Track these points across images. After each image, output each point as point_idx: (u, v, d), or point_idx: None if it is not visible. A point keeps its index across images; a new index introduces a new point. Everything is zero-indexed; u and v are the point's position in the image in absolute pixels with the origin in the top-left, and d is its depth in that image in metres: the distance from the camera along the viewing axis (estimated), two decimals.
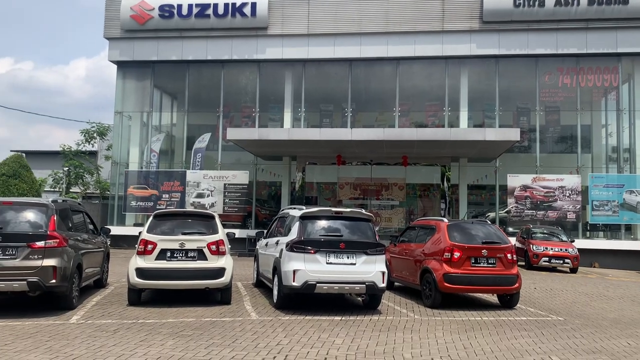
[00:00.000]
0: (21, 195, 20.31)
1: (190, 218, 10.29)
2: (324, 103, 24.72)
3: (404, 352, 6.72)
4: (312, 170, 24.91)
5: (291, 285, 8.98)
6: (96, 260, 10.76)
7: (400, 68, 23.19)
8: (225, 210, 21.97)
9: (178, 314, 8.79)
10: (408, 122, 23.48)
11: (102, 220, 24.17)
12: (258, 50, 23.43)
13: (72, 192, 30.20)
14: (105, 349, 6.45)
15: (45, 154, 39.24)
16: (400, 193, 23.21)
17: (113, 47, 24.61)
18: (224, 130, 22.90)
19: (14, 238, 8.23)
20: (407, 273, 11.30)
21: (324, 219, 9.53)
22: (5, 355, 6.07)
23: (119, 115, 25.09)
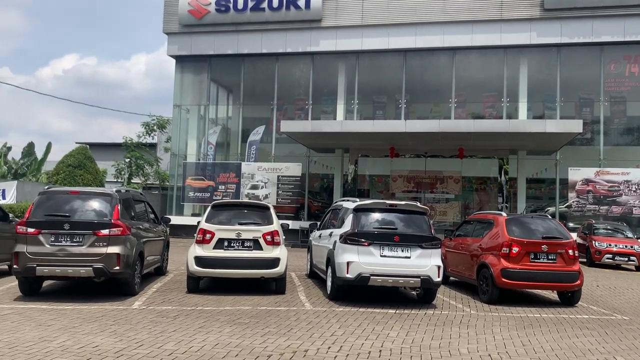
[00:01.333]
0: (86, 185, 21.24)
1: (246, 209, 10.50)
2: (377, 95, 24.56)
3: (460, 347, 6.62)
4: (364, 163, 24.81)
5: (345, 277, 9.00)
6: (157, 249, 11.14)
7: (457, 58, 22.70)
8: (278, 202, 22.24)
9: (235, 302, 8.99)
10: (464, 113, 22.99)
11: (162, 210, 24.97)
12: (312, 42, 23.49)
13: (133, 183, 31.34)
14: (166, 334, 6.68)
15: (107, 145, 40.88)
16: (456, 186, 22.76)
17: (172, 42, 25.30)
18: (277, 123, 23.15)
19: (80, 226, 8.62)
20: (463, 268, 11.11)
21: (378, 212, 9.49)
22: (75, 337, 6.39)
23: (177, 109, 25.82)
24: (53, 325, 6.96)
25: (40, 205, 8.86)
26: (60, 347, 5.93)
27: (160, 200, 26.81)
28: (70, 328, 6.85)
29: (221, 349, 6.07)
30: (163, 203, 26.26)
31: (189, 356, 5.77)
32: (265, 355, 5.91)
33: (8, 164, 35.67)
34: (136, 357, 5.67)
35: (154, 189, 30.53)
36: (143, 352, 5.84)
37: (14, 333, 6.50)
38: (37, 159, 36.16)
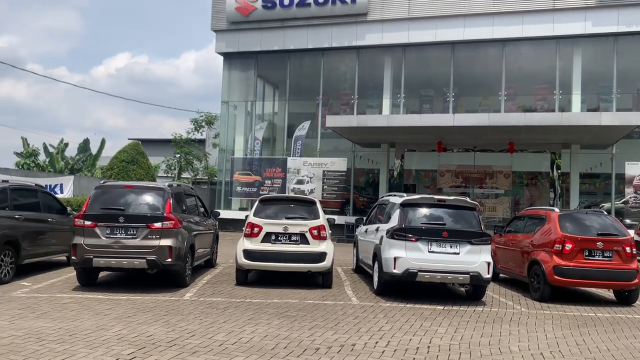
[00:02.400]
0: (138, 179, 21.90)
1: (293, 203, 10.59)
2: (424, 88, 24.22)
3: (510, 345, 6.49)
4: (411, 157, 24.54)
5: (392, 273, 8.96)
6: (207, 242, 11.39)
7: (507, 50, 22.11)
8: (323, 197, 22.27)
9: (282, 295, 9.10)
10: (515, 106, 22.38)
11: (210, 204, 25.49)
12: (357, 36, 23.38)
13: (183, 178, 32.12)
14: (217, 325, 6.83)
15: (158, 141, 42.00)
16: (506, 181, 22.21)
17: (219, 39, 25.71)
18: (323, 118, 23.18)
19: (134, 219, 8.92)
20: (514, 264, 10.86)
21: (425, 207, 9.39)
22: (130, 326, 6.63)
23: (225, 105, 26.25)
24: (109, 315, 7.23)
25: (97, 199, 9.20)
26: (116, 336, 6.16)
27: (209, 194, 27.39)
28: (125, 317, 7.11)
29: (270, 341, 6.17)
30: (212, 197, 26.81)
31: (239, 347, 5.89)
32: (313, 348, 5.97)
33: (65, 160, 37.18)
34: (188, 347, 5.83)
35: (203, 183, 31.21)
36: (195, 343, 6.00)
37: (73, 321, 6.80)
38: (92, 154, 37.55)
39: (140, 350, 5.62)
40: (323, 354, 5.77)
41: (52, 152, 36.99)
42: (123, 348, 5.69)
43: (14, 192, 10.13)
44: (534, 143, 21.68)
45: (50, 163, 36.52)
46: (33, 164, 36.86)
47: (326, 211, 11.13)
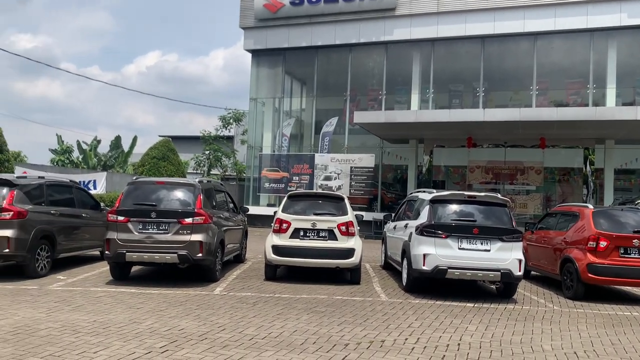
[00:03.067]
0: (169, 176, 22.22)
1: (321, 199, 10.60)
2: (453, 83, 23.94)
3: (542, 344, 6.38)
4: (440, 153, 24.30)
5: (421, 269, 8.90)
6: (236, 237, 11.50)
7: (538, 43, 21.68)
8: (351, 193, 22.26)
9: (311, 291, 9.13)
10: (546, 101, 21.94)
11: (239, 200, 25.68)
12: (385, 31, 23.24)
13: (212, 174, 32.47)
14: (247, 320, 6.90)
15: (188, 138, 42.52)
16: (537, 177, 21.79)
17: (248, 36, 25.87)
18: (350, 114, 23.14)
19: (166, 215, 9.06)
20: (546, 262, 10.67)
21: (455, 203, 9.29)
22: (162, 320, 6.74)
23: (253, 102, 26.43)
24: (142, 308, 7.37)
25: (129, 195, 9.37)
26: (149, 329, 6.28)
27: (238, 190, 27.63)
28: (157, 311, 7.24)
29: (299, 336, 6.20)
30: (240, 193, 27.04)
31: (268, 341, 5.94)
32: (342, 343, 5.98)
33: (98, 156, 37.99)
34: (219, 340, 5.91)
35: (232, 179, 31.49)
36: (225, 337, 6.07)
37: (107, 314, 6.95)
38: (124, 151, 38.28)
39: (173, 344, 5.72)
40: (352, 349, 5.77)
41: (85, 149, 37.86)
42: (156, 341, 5.79)
43: (50, 188, 10.39)
44: (567, 138, 21.23)
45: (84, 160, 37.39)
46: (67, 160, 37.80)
47: (354, 207, 11.12)
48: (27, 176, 10.95)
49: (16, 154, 35.99)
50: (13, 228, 9.01)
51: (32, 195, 9.73)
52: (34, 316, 6.70)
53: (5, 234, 8.93)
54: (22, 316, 6.68)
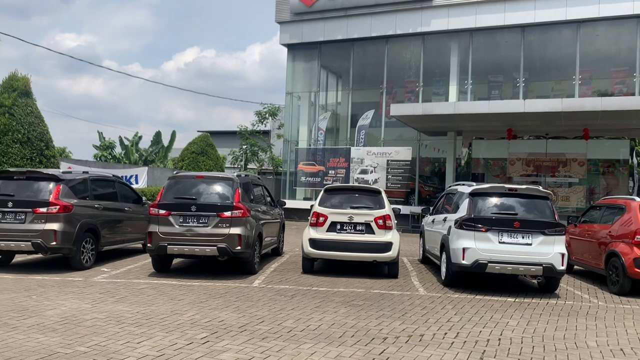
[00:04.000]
0: (208, 170, 22.57)
1: (357, 193, 10.57)
2: (492, 74, 23.41)
3: (587, 340, 6.21)
4: (478, 146, 23.85)
5: (460, 264, 8.79)
6: (274, 230, 11.60)
7: (582, 31, 20.99)
8: (387, 187, 22.11)
9: (348, 284, 9.14)
10: (590, 90, 21.24)
11: (275, 194, 25.91)
12: (422, 22, 22.92)
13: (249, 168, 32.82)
14: (285, 312, 6.96)
15: (225, 133, 43.09)
16: (580, 169, 21.17)
17: (284, 30, 25.94)
18: (387, 107, 22.95)
19: (205, 208, 9.20)
20: (590, 256, 10.37)
21: (496, 196, 9.12)
22: (202, 312, 6.87)
23: (289, 96, 26.51)
24: (183, 300, 7.52)
25: (170, 189, 9.56)
26: (190, 320, 6.40)
27: (274, 184, 27.85)
28: (198, 303, 7.37)
29: (337, 329, 6.21)
30: (277, 187, 27.24)
31: (307, 334, 5.97)
32: (380, 337, 5.96)
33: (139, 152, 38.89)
34: (258, 332, 5.97)
35: (268, 173, 31.75)
36: (264, 328, 6.14)
37: (149, 306, 7.12)
38: (164, 146, 39.06)
39: (213, 335, 5.81)
40: (391, 343, 5.75)
41: (127, 144, 38.80)
42: (197, 332, 5.90)
43: (94, 183, 10.70)
44: (611, 129, 20.54)
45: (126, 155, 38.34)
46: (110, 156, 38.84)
47: (390, 201, 11.05)
48: (72, 171, 11.29)
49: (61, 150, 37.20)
50: (59, 221, 9.32)
51: (77, 189, 10.04)
52: (80, 307, 6.93)
53: (52, 227, 9.24)
54: (68, 307, 6.91)
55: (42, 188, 9.53)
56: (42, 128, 15.80)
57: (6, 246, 9.33)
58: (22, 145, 15.09)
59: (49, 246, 9.26)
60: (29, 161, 15.08)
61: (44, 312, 6.57)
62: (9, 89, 15.51)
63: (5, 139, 14.87)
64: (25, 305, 6.94)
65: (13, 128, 15.00)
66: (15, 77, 15.84)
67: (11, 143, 14.92)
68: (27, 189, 9.53)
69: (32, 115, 15.62)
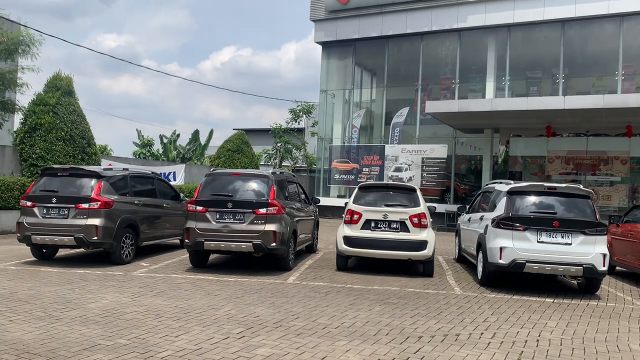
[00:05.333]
0: (243, 168, 22.81)
1: (392, 190, 10.51)
2: (530, 70, 22.93)
3: (630, 343, 6.04)
4: (516, 143, 23.38)
5: (497, 263, 8.65)
6: (308, 227, 11.64)
7: (625, 25, 20.33)
8: (422, 185, 21.93)
9: (382, 282, 9.11)
10: (633, 86, 20.55)
11: (310, 191, 25.97)
12: (459, 18, 22.61)
13: (284, 166, 33.01)
14: (320, 309, 6.99)
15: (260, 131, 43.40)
16: (623, 168, 20.51)
17: (318, 28, 25.99)
18: (422, 104, 22.75)
19: (241, 205, 9.31)
20: (633, 257, 10.06)
21: (534, 195, 8.93)
22: (238, 307, 6.96)
23: (323, 94, 26.56)
24: (219, 295, 7.64)
25: (207, 186, 9.71)
26: (226, 315, 6.50)
27: (309, 182, 27.94)
28: (234, 298, 7.48)
29: (372, 327, 6.21)
30: (311, 185, 27.33)
31: (341, 331, 5.99)
32: (415, 336, 5.93)
33: (177, 149, 39.58)
34: (293, 328, 6.02)
35: (303, 171, 31.85)
36: (299, 325, 6.18)
37: (187, 300, 7.26)
38: (201, 144, 39.64)
39: (249, 330, 5.89)
40: (426, 342, 5.71)
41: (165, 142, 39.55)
42: (233, 327, 5.99)
43: (133, 180, 10.95)
44: None
45: (164, 152, 39.07)
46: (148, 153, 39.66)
47: (425, 199, 10.96)
48: (112, 168, 11.58)
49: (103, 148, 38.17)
50: (100, 217, 9.57)
51: (118, 186, 10.29)
52: (120, 300, 7.11)
53: (94, 223, 9.50)
54: (109, 300, 7.11)
55: (84, 184, 9.81)
56: (84, 126, 16.27)
57: (50, 240, 9.64)
58: (65, 143, 15.57)
59: (90, 241, 9.53)
60: (71, 158, 15.55)
61: (86, 305, 6.77)
62: (53, 89, 16.02)
63: (50, 136, 15.37)
64: (69, 297, 7.17)
65: (57, 126, 15.49)
66: (59, 76, 16.35)
67: (55, 141, 15.41)
68: (70, 185, 9.83)
69: (75, 113, 16.10)
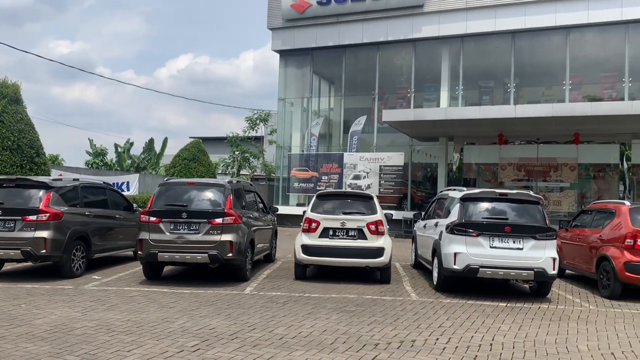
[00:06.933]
0: (200, 177, 22.49)
1: (350, 198, 10.57)
2: (483, 79, 23.56)
3: (578, 344, 6.23)
4: (470, 151, 23.95)
5: (452, 268, 8.80)
6: (266, 237, 11.56)
7: (571, 37, 21.17)
8: (380, 192, 22.14)
9: (341, 290, 9.12)
10: (580, 96, 21.39)
11: (268, 200, 25.84)
12: (414, 29, 23.04)
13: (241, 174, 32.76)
14: (277, 319, 6.93)
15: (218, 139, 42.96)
16: (571, 174, 21.29)
17: (276, 37, 25.98)
18: (379, 113, 23.01)
19: (196, 215, 9.16)
20: (581, 260, 10.42)
21: (487, 201, 9.15)
22: (193, 319, 6.83)
23: (282, 102, 26.53)
24: (174, 308, 7.48)
25: (161, 196, 9.52)
26: (181, 328, 6.36)
27: (267, 190, 27.80)
28: (189, 310, 7.33)
29: (329, 335, 6.19)
30: (270, 193, 27.19)
31: (298, 341, 5.95)
32: (372, 343, 5.94)
33: (131, 159, 38.74)
34: (249, 340, 5.94)
35: (261, 180, 31.69)
36: (256, 336, 6.11)
37: (140, 314, 7.07)
38: (156, 153, 38.93)
39: (204, 343, 5.78)
40: (382, 349, 5.74)
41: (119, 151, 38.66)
42: (187, 340, 5.86)
43: (84, 190, 10.64)
44: (602, 134, 20.69)
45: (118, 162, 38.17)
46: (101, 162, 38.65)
47: (383, 206, 11.07)
48: (62, 178, 11.22)
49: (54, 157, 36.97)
50: (49, 229, 9.24)
51: (68, 197, 9.98)
52: (70, 315, 6.87)
53: (42, 235, 9.17)
54: (58, 315, 6.85)
55: (32, 195, 9.46)
56: (32, 135, 15.69)
57: None
58: (12, 153, 14.99)
59: (38, 254, 9.18)
60: (19, 169, 14.97)
61: (33, 321, 6.50)
62: None
63: None
64: (14, 314, 6.88)
65: (2, 135, 14.89)
66: (5, 84, 15.74)
67: (1, 150, 14.82)
68: (17, 197, 9.46)
69: (22, 122, 15.52)
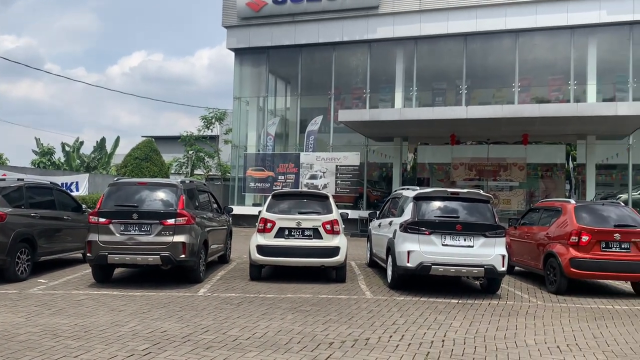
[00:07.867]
0: (152, 177, 22.04)
1: (305, 198, 10.56)
2: (436, 81, 24.04)
3: (526, 338, 6.42)
4: (424, 151, 24.40)
5: (405, 266, 8.92)
6: (220, 237, 11.42)
7: (520, 41, 21.85)
8: (337, 192, 22.24)
9: (296, 290, 9.10)
10: (528, 97, 22.12)
11: (224, 200, 25.55)
12: (369, 30, 23.26)
13: (196, 174, 32.26)
14: (231, 321, 6.85)
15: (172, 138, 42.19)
16: (520, 173, 21.99)
17: (231, 35, 25.72)
18: (335, 113, 23.12)
19: (148, 216, 8.96)
20: (529, 257, 10.76)
21: (439, 200, 9.32)
22: (144, 322, 6.66)
23: (237, 101, 26.28)
24: (124, 311, 7.28)
25: (110, 196, 9.26)
26: (131, 332, 6.20)
27: (223, 190, 27.48)
28: (140, 313, 7.15)
29: (284, 336, 6.16)
30: (225, 193, 26.88)
31: (252, 342, 5.89)
32: (327, 342, 5.95)
33: (81, 158, 37.54)
34: (202, 342, 5.85)
35: (216, 179, 31.31)
36: (208, 338, 6.02)
37: (88, 318, 6.85)
38: (107, 152, 37.87)
39: (155, 346, 5.65)
40: (337, 348, 5.75)
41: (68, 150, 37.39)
42: (138, 344, 5.72)
43: (29, 191, 10.24)
44: (549, 134, 21.44)
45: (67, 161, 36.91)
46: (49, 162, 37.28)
47: (340, 206, 11.12)
48: (6, 178, 10.76)
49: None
50: None
51: (11, 197, 9.58)
52: (13, 321, 6.58)
53: None
54: (0, 321, 6.55)
55: None
56: None
57: None
58: None
59: None
60: None
61: None
62: None
63: None
64: None
65: None
66: None
67: None
68: None
69: None
